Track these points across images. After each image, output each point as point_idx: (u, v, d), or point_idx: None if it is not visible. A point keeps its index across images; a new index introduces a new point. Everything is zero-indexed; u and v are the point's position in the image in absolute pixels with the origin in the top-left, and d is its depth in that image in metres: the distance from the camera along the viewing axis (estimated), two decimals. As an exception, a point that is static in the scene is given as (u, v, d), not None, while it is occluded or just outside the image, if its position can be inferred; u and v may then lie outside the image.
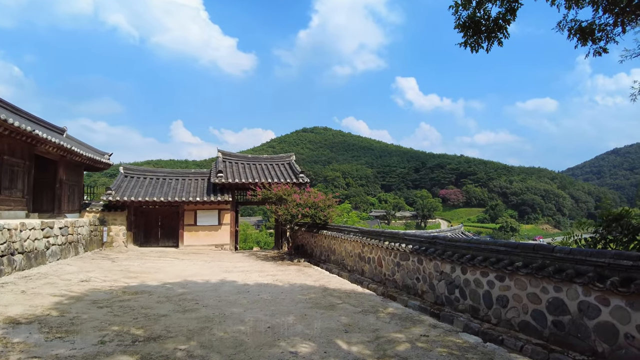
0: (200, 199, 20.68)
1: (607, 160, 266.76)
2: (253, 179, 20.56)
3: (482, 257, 6.91)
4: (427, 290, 8.59)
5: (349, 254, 13.48)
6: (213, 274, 13.22)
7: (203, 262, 16.57)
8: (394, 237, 10.40)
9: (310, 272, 13.76)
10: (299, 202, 16.20)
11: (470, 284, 7.22)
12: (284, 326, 6.89)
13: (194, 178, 23.26)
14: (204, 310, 8.22)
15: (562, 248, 5.69)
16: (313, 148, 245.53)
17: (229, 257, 18.69)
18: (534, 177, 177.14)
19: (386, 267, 10.62)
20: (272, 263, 16.40)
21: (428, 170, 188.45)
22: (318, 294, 9.78)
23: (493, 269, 6.58)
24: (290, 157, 23.47)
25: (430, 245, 8.61)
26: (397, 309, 8.23)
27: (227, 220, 21.72)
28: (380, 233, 11.30)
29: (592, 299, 5.09)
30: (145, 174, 23.47)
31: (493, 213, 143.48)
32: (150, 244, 23.10)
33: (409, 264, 9.41)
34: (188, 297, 9.57)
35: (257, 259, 17.70)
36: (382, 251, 10.90)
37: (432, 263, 8.41)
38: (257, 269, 14.37)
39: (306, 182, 20.80)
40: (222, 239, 21.71)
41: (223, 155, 22.88)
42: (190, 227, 21.83)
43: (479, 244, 7.18)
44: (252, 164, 22.93)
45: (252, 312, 7.94)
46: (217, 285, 11.18)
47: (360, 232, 12.83)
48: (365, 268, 12.02)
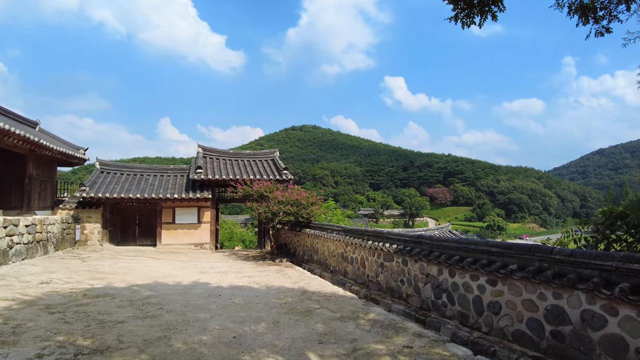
0: (179, 196, 19.80)
1: (592, 160, 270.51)
2: (234, 175, 19.74)
3: (472, 259, 6.26)
4: (412, 293, 7.92)
5: (331, 253, 12.79)
6: (186, 275, 12.43)
7: (179, 262, 15.74)
8: (377, 237, 9.72)
9: (290, 273, 13.03)
10: (280, 199, 15.45)
11: (458, 288, 6.57)
12: (251, 336, 6.16)
13: (172, 174, 22.35)
14: (167, 316, 7.44)
15: (561, 249, 5.05)
16: (302, 146, 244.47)
17: (207, 256, 17.87)
18: (520, 176, 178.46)
19: (369, 268, 9.95)
20: (252, 263, 15.64)
21: (416, 169, 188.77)
22: (295, 297, 9.06)
23: (484, 272, 5.93)
24: (274, 153, 22.68)
25: (415, 245, 7.95)
26: (380, 314, 7.55)
27: (207, 218, 20.86)
28: (363, 232, 10.62)
29: (597, 308, 4.46)
30: (122, 170, 22.49)
31: (480, 212, 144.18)
32: (128, 242, 22.16)
33: (393, 265, 8.74)
34: (153, 301, 8.77)
35: (236, 259, 16.92)
36: (365, 251, 10.23)
37: (417, 264, 7.74)
38: (234, 270, 13.60)
39: (290, 179, 20.05)
40: (201, 237, 20.85)
41: (203, 151, 22.00)
42: (169, 225, 20.94)
43: (469, 244, 6.52)
44: (234, 159, 22.09)
45: (220, 319, 7.19)
46: (188, 287, 10.39)
47: (343, 230, 12.14)
48: (348, 269, 11.34)
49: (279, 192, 15.93)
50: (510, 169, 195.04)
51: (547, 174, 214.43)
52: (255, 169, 21.03)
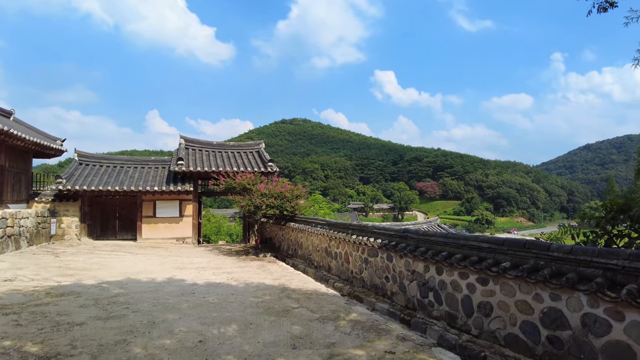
0: (159, 189, 19.08)
1: (580, 155, 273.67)
2: (217, 167, 19.06)
3: (461, 255, 5.75)
4: (397, 291, 7.42)
5: (315, 248, 12.26)
6: (163, 271, 11.81)
7: (158, 258, 15.09)
8: (362, 231, 9.20)
9: (273, 268, 12.48)
10: (263, 192, 14.85)
11: (446, 287, 6.07)
12: (219, 339, 5.60)
13: (154, 166, 21.58)
14: (132, 317, 6.85)
15: (560, 246, 4.55)
16: (292, 140, 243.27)
17: (188, 251, 17.23)
18: (509, 170, 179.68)
19: (353, 263, 9.43)
20: (235, 258, 15.05)
21: (406, 163, 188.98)
22: (274, 295, 8.51)
23: (474, 269, 5.43)
24: (259, 145, 22.01)
25: (400, 240, 7.43)
26: (362, 314, 7.03)
27: (189, 211, 20.18)
28: (347, 226, 10.09)
29: (600, 312, 3.97)
30: (101, 162, 21.65)
31: (469, 206, 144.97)
32: (107, 237, 21.40)
33: (377, 261, 8.23)
34: (121, 299, 8.16)
35: (218, 254, 16.31)
36: (349, 246, 9.70)
37: (402, 260, 7.23)
38: (214, 266, 13.00)
39: (275, 171, 19.44)
40: (183, 231, 20.18)
41: (186, 142, 21.26)
42: (149, 219, 20.22)
43: (457, 240, 6.02)
44: (217, 151, 21.38)
45: (188, 320, 6.62)
46: (162, 284, 9.79)
47: (327, 224, 11.60)
48: (332, 264, 10.82)
49: (262, 185, 15.32)
50: (499, 164, 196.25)
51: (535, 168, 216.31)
52: (240, 161, 20.37)
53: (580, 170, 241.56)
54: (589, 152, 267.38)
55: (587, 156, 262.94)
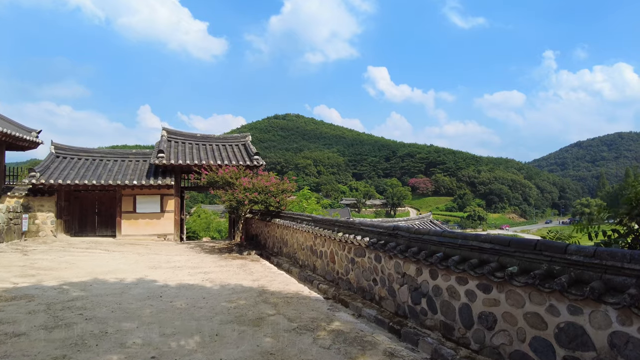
0: (138, 183, 18.12)
1: (571, 152, 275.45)
2: (200, 161, 18.13)
3: (459, 257, 4.95)
4: (386, 296, 6.62)
5: (300, 246, 11.43)
6: (135, 271, 10.92)
7: (134, 255, 14.19)
8: (348, 228, 8.38)
9: (255, 268, 11.63)
10: (247, 186, 13.99)
11: (442, 293, 5.27)
12: (176, 355, 4.76)
13: (134, 159, 20.59)
14: (83, 325, 5.99)
15: (580, 248, 3.76)
16: (285, 135, 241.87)
17: (169, 249, 16.33)
18: (501, 167, 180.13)
19: (339, 263, 8.62)
20: (216, 256, 14.18)
21: (398, 159, 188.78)
22: (250, 299, 7.68)
23: (474, 274, 4.63)
24: (245, 138, 21.09)
25: (390, 239, 6.62)
26: (346, 322, 6.22)
27: (170, 207, 19.25)
28: (334, 222, 9.26)
29: (634, 331, 3.19)
30: (79, 154, 20.62)
31: (461, 202, 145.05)
32: (86, 233, 20.43)
33: (364, 262, 7.41)
34: (77, 304, 7.28)
35: (199, 252, 15.42)
36: (335, 244, 8.88)
37: (392, 262, 6.43)
38: (192, 265, 12.13)
39: (261, 165, 18.57)
40: (164, 228, 19.25)
41: (168, 134, 20.28)
42: (129, 214, 19.26)
43: (455, 239, 5.22)
44: (201, 144, 20.43)
45: (147, 330, 5.77)
46: (130, 286, 8.91)
47: (313, 220, 10.77)
48: (317, 264, 10.00)
49: (246, 179, 14.44)
50: (491, 160, 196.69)
51: (527, 165, 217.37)
52: (224, 154, 19.45)
53: (571, 167, 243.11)
54: (580, 150, 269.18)
55: (579, 153, 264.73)
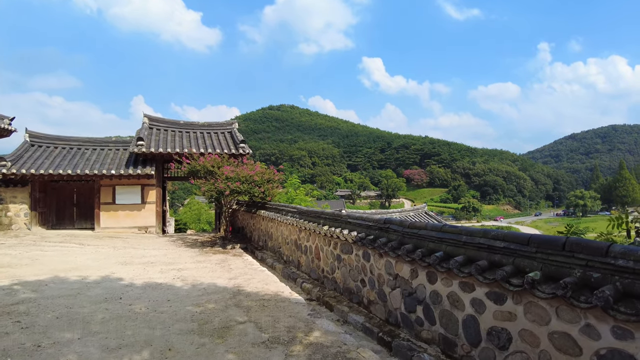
0: (117, 172, 17.03)
1: (565, 144, 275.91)
2: (182, 149, 17.07)
3: (464, 258, 4.02)
4: (375, 300, 5.70)
5: (285, 240, 10.49)
6: (102, 267, 9.93)
7: (108, 250, 13.20)
8: (335, 220, 7.43)
9: (235, 264, 10.68)
10: (229, 175, 12.99)
11: (441, 301, 4.35)
12: (111, 383, 3.81)
13: (114, 148, 19.48)
14: (16, 336, 5.05)
15: (628, 249, 2.83)
16: (279, 126, 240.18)
17: (148, 242, 15.33)
18: (496, 159, 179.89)
19: (324, 260, 7.68)
20: (197, 251, 13.22)
21: (393, 151, 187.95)
22: (221, 302, 6.73)
23: (484, 280, 3.70)
24: (232, 125, 20.01)
25: (380, 234, 5.68)
26: (327, 332, 5.29)
27: (152, 198, 18.20)
28: (319, 214, 8.31)
29: None
30: (55, 143, 19.47)
31: (456, 193, 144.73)
32: (64, 226, 19.36)
33: (352, 259, 6.48)
34: (21, 308, 6.32)
35: (180, 246, 14.45)
36: (320, 239, 7.94)
37: (382, 261, 5.49)
38: (167, 260, 11.15)
39: (247, 153, 17.54)
40: (146, 220, 18.22)
41: (149, 121, 19.18)
42: (108, 206, 18.21)
43: (458, 235, 4.28)
44: (185, 131, 19.34)
45: (89, 342, 4.82)
46: (90, 285, 7.93)
47: (298, 212, 9.82)
48: (302, 260, 9.07)
49: (228, 167, 13.42)
50: (486, 152, 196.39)
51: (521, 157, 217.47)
52: (209, 142, 18.38)
53: (565, 159, 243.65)
54: (575, 142, 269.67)
55: (573, 145, 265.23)
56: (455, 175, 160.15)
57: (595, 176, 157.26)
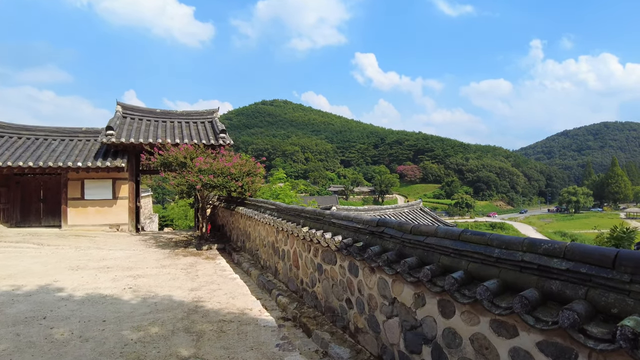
0: (84, 165, 15.45)
1: (557, 141, 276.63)
2: (156, 139, 15.53)
3: (498, 284, 2.62)
4: (364, 328, 4.29)
5: (262, 242, 9.07)
6: (47, 274, 8.45)
7: (68, 251, 11.71)
8: (317, 220, 6.01)
9: (204, 269, 9.23)
10: (201, 166, 11.52)
11: (461, 345, 2.94)
12: None
13: (84, 138, 17.87)
14: None
15: None
16: (272, 121, 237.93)
17: (116, 242, 13.83)
18: (489, 155, 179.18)
19: (303, 269, 6.27)
20: (167, 252, 11.75)
21: (387, 147, 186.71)
22: (169, 324, 5.30)
23: (535, 324, 2.30)
24: (212, 114, 18.46)
25: (372, 239, 4.27)
26: (300, 375, 3.89)
27: (124, 193, 16.65)
28: (299, 213, 6.88)
29: None
30: (20, 133, 17.82)
31: (449, 189, 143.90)
32: (30, 223, 17.78)
33: (335, 272, 5.07)
34: None
35: (151, 246, 12.97)
36: (298, 243, 6.52)
37: (374, 277, 4.08)
38: (127, 265, 9.67)
39: (228, 144, 16.03)
40: (118, 217, 16.68)
41: (123, 109, 17.58)
42: (77, 201, 16.63)
43: (488, 247, 2.87)
44: (161, 120, 17.78)
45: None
46: (17, 299, 6.45)
47: (276, 209, 8.39)
48: (279, 267, 7.65)
49: (201, 158, 11.93)
50: (479, 148, 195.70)
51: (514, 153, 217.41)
52: (186, 132, 16.85)
53: (558, 156, 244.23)
54: (567, 138, 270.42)
55: (565, 142, 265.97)
56: (448, 171, 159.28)
57: (587, 173, 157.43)
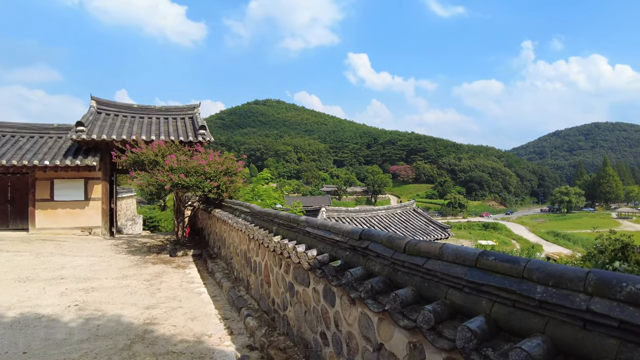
0: (51, 163, 14.26)
1: (549, 141, 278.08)
2: (130, 136, 14.37)
3: (545, 345, 1.61)
4: (344, 371, 3.26)
5: (236, 250, 8.02)
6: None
7: (28, 257, 10.54)
8: (290, 228, 4.97)
9: (169, 281, 8.14)
10: (172, 165, 10.43)
11: None
12: None
13: (56, 135, 16.67)
14: None
15: None
16: (265, 121, 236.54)
17: (85, 247, 12.68)
18: (481, 155, 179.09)
19: (275, 287, 5.23)
20: (136, 259, 10.65)
21: (380, 147, 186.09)
22: (103, 358, 4.25)
23: None
24: (194, 109, 17.32)
25: (353, 257, 3.24)
26: None
27: (97, 193, 15.49)
28: (272, 218, 5.84)
29: None
30: (-14, 129, 16.60)
31: (442, 189, 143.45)
32: (-4, 225, 16.55)
33: (307, 295, 4.04)
34: None
35: (121, 252, 11.85)
36: (269, 255, 5.48)
37: (355, 311, 3.04)
38: (85, 274, 8.56)
39: (208, 141, 14.95)
40: (90, 220, 15.51)
41: (97, 104, 16.42)
42: (46, 203, 15.43)
43: (523, 282, 1.86)
44: (138, 116, 16.62)
45: None
46: None
47: (251, 213, 7.34)
48: (251, 280, 6.60)
49: (173, 156, 10.83)
50: (471, 148, 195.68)
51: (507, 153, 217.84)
52: (164, 129, 15.72)
53: (549, 156, 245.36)
54: (558, 139, 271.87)
55: (557, 142, 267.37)
56: (441, 171, 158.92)
57: (579, 173, 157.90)
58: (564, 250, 56.27)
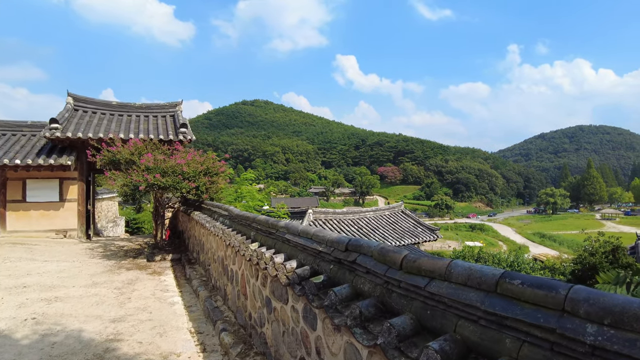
0: (22, 162, 13.49)
1: (535, 143, 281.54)
2: (107, 134, 13.69)
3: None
4: (327, 405, 2.76)
5: (213, 255, 7.46)
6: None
7: (-11, 264, 9.83)
8: (268, 234, 4.46)
9: (143, 289, 7.55)
10: (147, 164, 9.82)
11: None
12: None
13: (30, 133, 15.86)
14: None
15: None
16: (252, 121, 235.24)
17: (58, 250, 11.97)
18: (468, 157, 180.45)
19: (252, 300, 4.70)
20: (110, 264, 10.01)
21: (368, 148, 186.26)
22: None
23: None
24: (175, 107, 16.68)
25: (338, 272, 2.74)
26: None
27: (73, 194, 14.75)
28: (250, 222, 5.31)
29: None
30: (-45, 126, 15.72)
31: (429, 191, 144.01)
32: (-33, 228, 15.66)
33: (286, 314, 3.52)
34: None
35: (95, 256, 11.18)
36: (245, 264, 4.96)
37: (339, 339, 2.55)
38: (51, 282, 7.92)
39: (189, 139, 14.34)
40: (65, 222, 14.75)
41: (74, 101, 15.67)
42: (18, 204, 14.63)
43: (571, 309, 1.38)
44: (117, 114, 15.91)
45: None
46: None
47: (229, 217, 6.81)
48: (228, 290, 6.06)
49: (150, 155, 10.23)
50: (458, 150, 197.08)
51: (493, 155, 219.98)
52: (144, 127, 15.05)
53: (535, 158, 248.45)
54: (544, 141, 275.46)
55: (542, 145, 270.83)
56: (428, 173, 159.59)
57: (564, 174, 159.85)
58: (550, 251, 56.66)
